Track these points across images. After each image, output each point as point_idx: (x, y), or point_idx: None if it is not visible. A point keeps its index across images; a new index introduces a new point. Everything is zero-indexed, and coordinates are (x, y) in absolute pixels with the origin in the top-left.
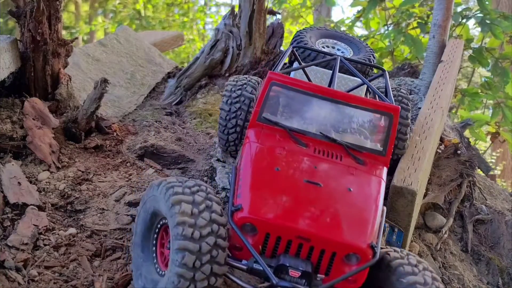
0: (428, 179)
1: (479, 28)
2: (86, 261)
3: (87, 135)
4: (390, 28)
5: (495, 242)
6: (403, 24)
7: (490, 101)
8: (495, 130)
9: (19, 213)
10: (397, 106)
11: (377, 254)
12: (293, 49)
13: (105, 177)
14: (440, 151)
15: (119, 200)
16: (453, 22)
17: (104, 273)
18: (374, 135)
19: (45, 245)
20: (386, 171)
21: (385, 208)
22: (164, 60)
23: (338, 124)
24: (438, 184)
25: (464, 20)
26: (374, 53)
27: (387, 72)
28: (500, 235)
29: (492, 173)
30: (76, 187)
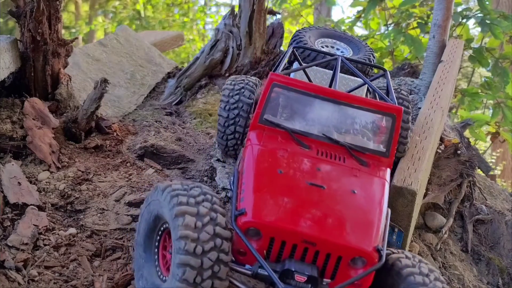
0: (428, 179)
1: (479, 28)
2: (86, 261)
3: (87, 135)
4: (390, 28)
5: (495, 242)
6: (403, 24)
7: (490, 101)
8: (495, 130)
9: (19, 213)
10: (400, 107)
11: (383, 257)
12: (294, 50)
13: (105, 177)
14: (440, 151)
15: (119, 200)
16: (453, 22)
17: (104, 273)
18: (377, 136)
19: (45, 245)
20: (390, 172)
21: (390, 210)
22: (164, 60)
23: (341, 125)
24: (438, 184)
25: (464, 20)
26: (374, 53)
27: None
28: (500, 235)
29: (492, 173)
30: (76, 187)
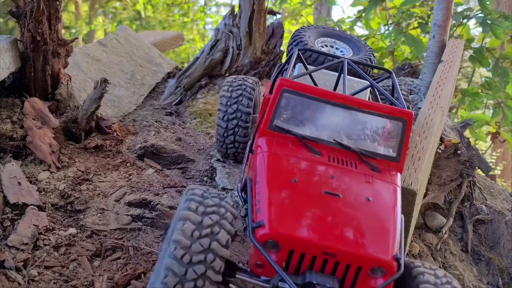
0: (428, 179)
1: (480, 28)
2: (86, 261)
3: (87, 135)
4: (391, 28)
5: (495, 242)
6: (404, 24)
7: (490, 101)
8: (495, 130)
9: (19, 213)
10: (411, 111)
11: (402, 266)
12: (299, 52)
13: (105, 177)
14: (440, 151)
15: (119, 200)
16: (454, 22)
17: (104, 273)
18: (388, 141)
19: (45, 245)
20: (400, 177)
21: (403, 216)
22: (164, 60)
23: (351, 131)
24: (438, 184)
25: (465, 20)
26: (374, 52)
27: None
28: (500, 235)
29: (492, 173)
30: (76, 187)
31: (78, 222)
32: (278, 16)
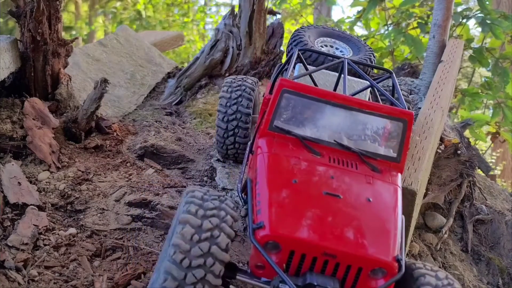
0: (428, 179)
1: (480, 28)
2: (86, 261)
3: (87, 135)
4: (390, 28)
5: (495, 242)
6: (403, 24)
7: (490, 101)
8: (495, 130)
9: (19, 213)
10: (411, 112)
11: (403, 267)
12: (299, 52)
13: (105, 177)
14: (440, 151)
15: (119, 200)
16: (453, 22)
17: (104, 273)
18: (388, 141)
19: (45, 245)
20: (401, 178)
21: (404, 217)
22: (164, 60)
23: (351, 131)
24: (438, 184)
25: (465, 20)
26: (374, 52)
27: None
28: (500, 235)
29: (492, 173)
30: (76, 187)
31: (78, 222)
32: (278, 16)
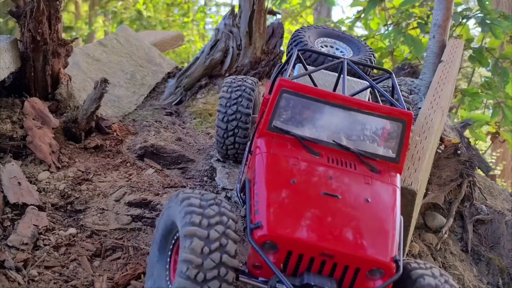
0: (428, 179)
1: (479, 28)
2: (86, 261)
3: (87, 135)
4: (390, 28)
5: (495, 242)
6: (403, 24)
7: (490, 101)
8: (495, 130)
9: (19, 213)
10: (410, 112)
11: (401, 268)
12: (298, 52)
13: (105, 177)
14: (440, 151)
15: (119, 200)
16: (453, 22)
17: (104, 273)
18: (387, 142)
19: (45, 245)
20: (400, 178)
21: (402, 218)
22: (164, 60)
23: (350, 131)
24: (438, 184)
25: (464, 20)
26: (374, 53)
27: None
28: (500, 235)
29: (492, 173)
30: (76, 187)
31: (78, 222)
32: (278, 16)
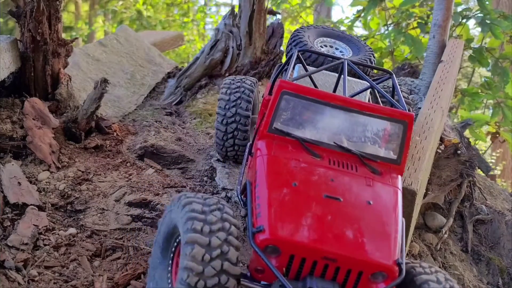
0: (428, 179)
1: (479, 28)
2: (86, 261)
3: (87, 135)
4: (390, 28)
5: (495, 242)
6: (403, 24)
7: (490, 101)
8: (495, 130)
9: (19, 213)
10: (411, 113)
11: (403, 271)
12: (298, 53)
13: (105, 177)
14: (440, 151)
15: (119, 200)
16: (453, 22)
17: (104, 273)
18: (388, 143)
19: (45, 245)
20: (401, 180)
21: (404, 220)
22: (164, 60)
23: (351, 133)
24: (438, 184)
25: (464, 20)
26: (374, 53)
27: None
28: (500, 235)
29: (492, 173)
30: (76, 187)
31: (78, 222)
32: (278, 16)
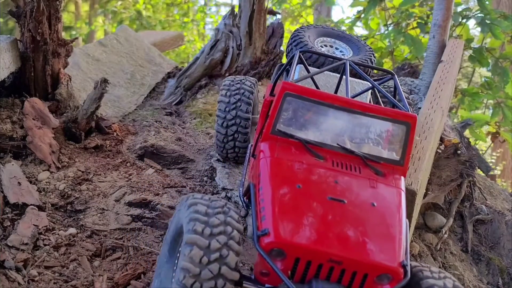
0: (428, 179)
1: (479, 28)
2: (86, 261)
3: (87, 135)
4: (390, 28)
5: (495, 242)
6: (403, 24)
7: (490, 101)
8: (495, 130)
9: (19, 213)
10: (415, 114)
11: (408, 273)
12: (300, 54)
13: (105, 177)
14: (440, 151)
15: (119, 200)
16: (453, 22)
17: (104, 273)
18: (391, 145)
19: (45, 245)
20: (404, 181)
21: (408, 221)
22: (164, 60)
23: (354, 134)
24: (438, 184)
25: (464, 20)
26: (374, 52)
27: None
28: (500, 235)
29: (492, 173)
30: (76, 187)
31: (78, 222)
32: (278, 16)
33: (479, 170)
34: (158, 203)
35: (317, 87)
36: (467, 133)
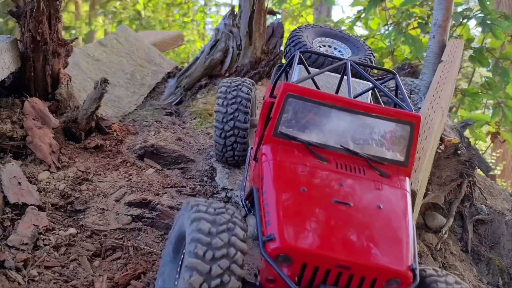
0: (428, 179)
1: (480, 28)
2: (86, 261)
3: (87, 135)
4: (390, 28)
5: (495, 242)
6: (403, 24)
7: (490, 101)
8: (495, 130)
9: (19, 213)
10: (418, 114)
11: (417, 277)
12: (300, 54)
13: (105, 177)
14: (440, 151)
15: (119, 200)
16: (453, 22)
17: (104, 273)
18: (395, 145)
19: (45, 245)
20: (409, 182)
21: (414, 224)
22: (164, 60)
23: (358, 136)
24: (438, 184)
25: (465, 20)
26: (373, 52)
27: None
28: (500, 235)
29: (492, 173)
30: (76, 187)
31: (78, 222)
32: (278, 16)
33: (479, 170)
34: (158, 203)
35: (318, 88)
36: (467, 133)
